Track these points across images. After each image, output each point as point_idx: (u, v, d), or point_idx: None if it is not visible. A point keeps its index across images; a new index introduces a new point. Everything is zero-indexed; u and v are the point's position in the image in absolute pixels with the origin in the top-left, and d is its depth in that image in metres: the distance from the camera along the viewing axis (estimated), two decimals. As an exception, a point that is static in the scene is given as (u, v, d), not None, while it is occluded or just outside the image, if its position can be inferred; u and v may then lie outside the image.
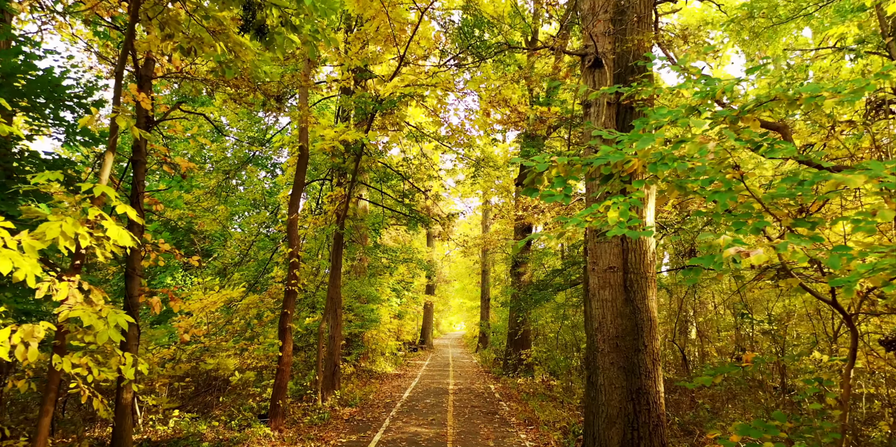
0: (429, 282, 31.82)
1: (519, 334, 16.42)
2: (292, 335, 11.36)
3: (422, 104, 10.83)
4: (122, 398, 5.96)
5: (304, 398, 10.88)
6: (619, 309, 5.96)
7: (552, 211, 9.79)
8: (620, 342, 5.90)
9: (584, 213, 4.07)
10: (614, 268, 5.97)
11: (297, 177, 9.43)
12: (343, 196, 11.11)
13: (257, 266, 12.82)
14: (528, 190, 4.36)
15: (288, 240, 9.24)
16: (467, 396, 12.89)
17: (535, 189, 4.31)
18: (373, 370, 18.05)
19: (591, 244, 6.09)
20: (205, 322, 11.15)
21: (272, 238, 11.89)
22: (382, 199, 14.18)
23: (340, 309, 11.79)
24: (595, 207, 4.04)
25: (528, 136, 12.60)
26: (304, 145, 9.37)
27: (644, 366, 5.86)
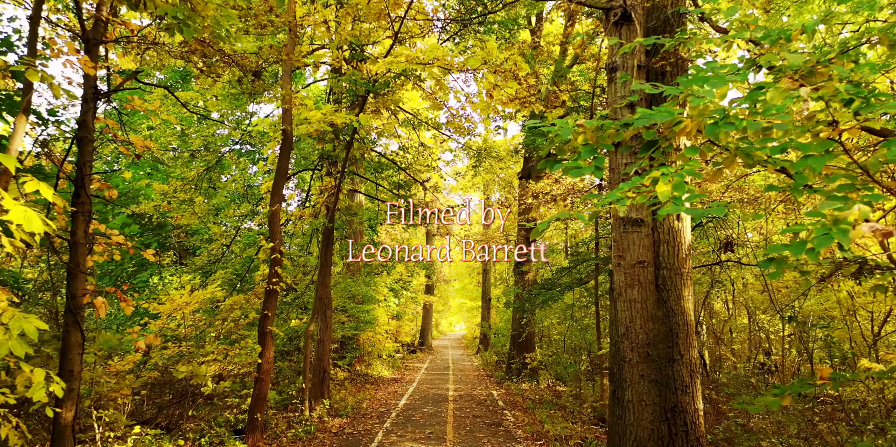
0: (428, 281, 30.90)
1: (523, 336, 15.48)
2: (274, 339, 10.43)
3: (418, 85, 9.89)
4: (60, 418, 5.03)
5: (289, 408, 9.94)
6: (650, 311, 5.02)
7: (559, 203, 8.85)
8: (652, 351, 4.96)
9: (624, 188, 3.12)
10: (644, 262, 5.04)
11: (279, 164, 8.49)
12: (333, 187, 10.18)
13: (242, 263, 11.88)
14: (548, 163, 3.43)
15: (269, 234, 8.30)
16: (468, 404, 11.95)
17: (555, 162, 3.40)
18: (368, 374, 17.11)
19: (616, 234, 5.16)
20: (185, 325, 10.23)
21: (259, 233, 10.97)
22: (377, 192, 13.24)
23: (331, 310, 10.85)
24: (637, 180, 3.10)
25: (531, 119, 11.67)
26: (288, 129, 8.43)
27: (680, 380, 4.93)
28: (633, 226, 5.04)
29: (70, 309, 5.27)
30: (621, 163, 5.10)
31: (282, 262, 8.30)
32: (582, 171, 3.36)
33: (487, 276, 29.61)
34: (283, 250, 13.10)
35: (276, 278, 8.15)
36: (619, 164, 5.10)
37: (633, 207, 5.03)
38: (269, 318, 8.05)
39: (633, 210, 5.03)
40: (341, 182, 9.94)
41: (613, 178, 5.17)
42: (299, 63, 7.80)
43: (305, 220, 10.04)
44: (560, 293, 11.14)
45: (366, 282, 17.32)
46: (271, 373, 8.12)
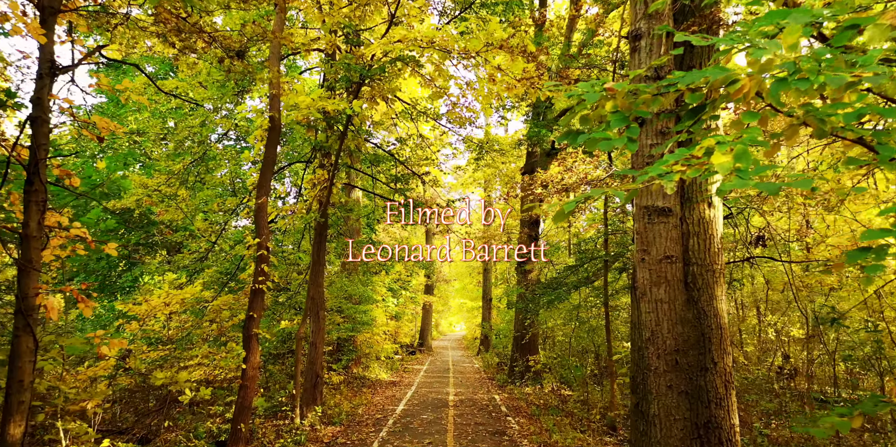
0: (428, 281, 30.30)
1: (526, 338, 14.86)
2: (260, 343, 9.82)
3: (416, 71, 9.28)
4: (7, 435, 4.42)
5: (279, 415, 9.33)
6: (679, 313, 4.41)
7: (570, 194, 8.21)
8: (681, 358, 4.35)
9: (669, 160, 2.52)
10: (672, 257, 4.42)
11: (266, 153, 7.87)
12: (325, 180, 9.57)
13: (233, 261, 11.26)
14: (569, 135, 2.84)
15: (255, 229, 7.68)
16: (470, 410, 11.33)
17: (575, 133, 2.80)
18: (366, 377, 16.50)
19: (640, 225, 4.54)
20: (169, 326, 9.62)
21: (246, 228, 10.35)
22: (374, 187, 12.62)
23: (324, 310, 10.23)
24: (684, 152, 2.50)
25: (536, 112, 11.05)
26: (276, 115, 7.81)
27: (714, 391, 4.31)
28: (659, 217, 4.42)
29: (20, 310, 4.65)
30: (645, 143, 4.48)
31: (269, 260, 7.69)
32: (612, 142, 2.76)
33: (488, 276, 29.03)
34: (273, 247, 12.48)
35: (262, 277, 7.54)
36: (644, 146, 4.49)
37: (658, 194, 4.42)
38: (254, 320, 7.44)
39: (658, 197, 4.42)
40: (334, 175, 9.32)
41: (637, 161, 4.56)
42: (286, 42, 7.18)
43: (297, 215, 9.42)
44: (566, 293, 10.53)
45: (363, 282, 16.70)
46: (257, 380, 7.51)
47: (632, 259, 4.57)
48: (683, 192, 4.56)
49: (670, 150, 4.42)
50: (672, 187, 2.61)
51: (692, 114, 2.85)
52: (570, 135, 2.91)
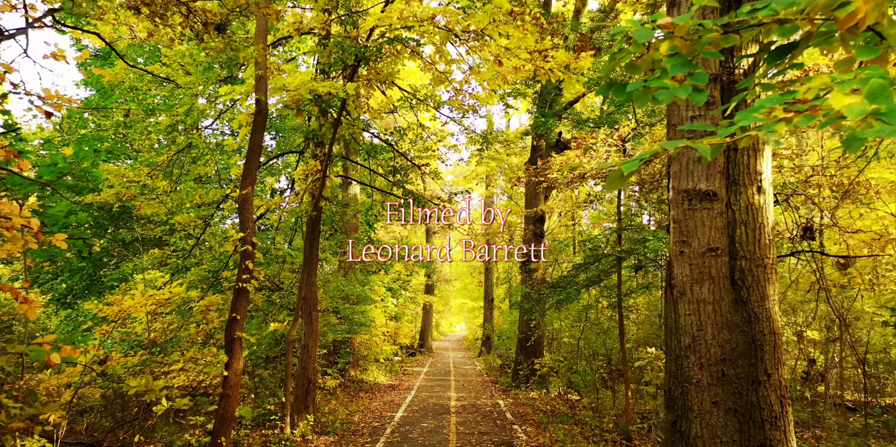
0: (428, 281, 29.63)
1: (532, 340, 14.18)
2: (243, 348, 9.16)
3: (416, 53, 8.61)
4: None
5: (267, 425, 8.65)
6: (726, 316, 3.73)
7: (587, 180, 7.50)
8: (728, 369, 3.67)
9: (765, 105, 1.87)
10: (717, 250, 3.74)
11: (252, 139, 7.20)
12: (318, 171, 8.90)
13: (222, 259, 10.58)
14: (611, 87, 2.22)
15: (240, 223, 7.01)
16: (473, 417, 10.66)
17: (621, 85, 2.17)
18: (363, 380, 15.83)
19: (678, 213, 3.86)
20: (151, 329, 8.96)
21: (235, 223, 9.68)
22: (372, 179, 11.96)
23: (317, 311, 9.56)
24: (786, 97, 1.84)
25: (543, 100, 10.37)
26: (262, 98, 7.13)
27: (768, 409, 3.63)
28: (702, 202, 3.74)
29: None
30: (685, 116, 3.80)
31: (254, 256, 7.01)
32: (673, 92, 2.12)
33: (490, 276, 28.37)
34: (265, 244, 11.80)
35: (246, 274, 6.87)
36: (683, 118, 3.81)
37: (701, 175, 3.74)
38: (237, 322, 6.76)
39: (701, 179, 3.74)
40: (328, 165, 8.65)
41: (674, 136, 3.87)
42: (274, 19, 6.50)
43: (287, 209, 8.75)
44: (576, 292, 9.85)
45: (361, 282, 16.03)
46: (240, 388, 6.84)
47: (668, 253, 3.87)
48: (728, 173, 3.89)
49: (713, 121, 3.75)
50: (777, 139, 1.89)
51: (780, 53, 2.18)
52: (614, 86, 2.24)
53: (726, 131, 1.78)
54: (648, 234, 7.79)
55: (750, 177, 3.86)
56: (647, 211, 9.64)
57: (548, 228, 17.80)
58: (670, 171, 3.94)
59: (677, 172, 3.83)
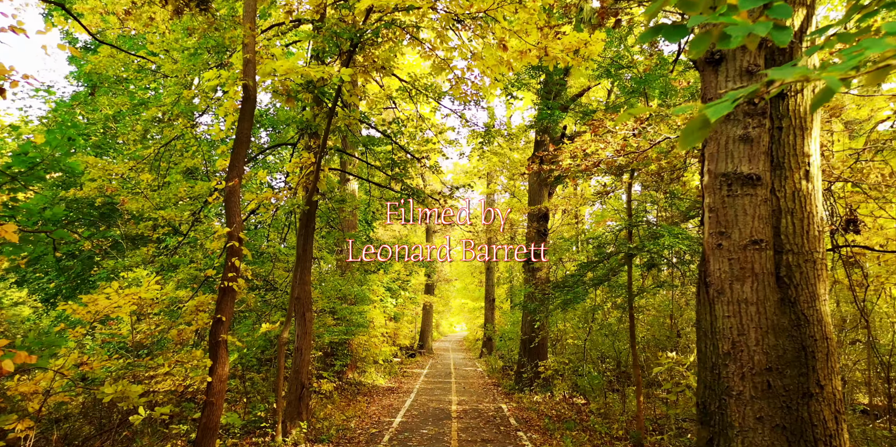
0: (428, 280, 29.13)
1: (535, 342, 13.69)
2: (232, 350, 8.68)
3: (415, 39, 8.13)
4: None
5: (258, 433, 8.16)
6: (771, 318, 3.24)
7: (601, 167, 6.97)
8: (775, 380, 3.18)
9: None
10: (761, 243, 3.25)
11: (239, 128, 6.71)
12: (312, 164, 8.41)
13: (211, 257, 10.10)
14: (659, 30, 1.69)
15: (226, 217, 6.52)
16: (475, 422, 10.17)
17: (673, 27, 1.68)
18: (362, 383, 15.34)
19: (714, 199, 3.37)
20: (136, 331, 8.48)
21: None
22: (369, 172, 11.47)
23: (310, 312, 9.07)
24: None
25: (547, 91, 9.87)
26: (250, 83, 6.65)
27: (821, 426, 3.15)
28: (744, 187, 3.25)
29: None
30: (724, 87, 3.31)
31: (241, 252, 6.52)
32: (747, 28, 1.63)
33: (491, 275, 27.88)
34: (259, 242, 11.31)
35: (233, 273, 6.38)
36: (721, 89, 3.31)
37: (742, 156, 3.26)
38: (222, 324, 6.27)
39: (743, 160, 3.25)
40: (322, 157, 8.16)
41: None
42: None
43: (279, 204, 8.26)
44: (584, 292, 9.37)
45: (359, 281, 15.55)
46: (225, 393, 6.35)
47: (703, 246, 3.37)
48: (771, 155, 3.40)
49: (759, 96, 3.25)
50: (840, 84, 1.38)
51: None
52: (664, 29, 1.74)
53: (795, 75, 1.28)
54: (663, 230, 7.31)
55: (797, 159, 3.37)
56: (662, 205, 9.15)
57: (551, 226, 17.31)
58: (705, 152, 3.45)
59: (714, 153, 3.34)
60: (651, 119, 5.83)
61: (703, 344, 3.49)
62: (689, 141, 1.17)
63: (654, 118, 5.77)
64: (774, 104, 3.42)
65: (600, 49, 7.06)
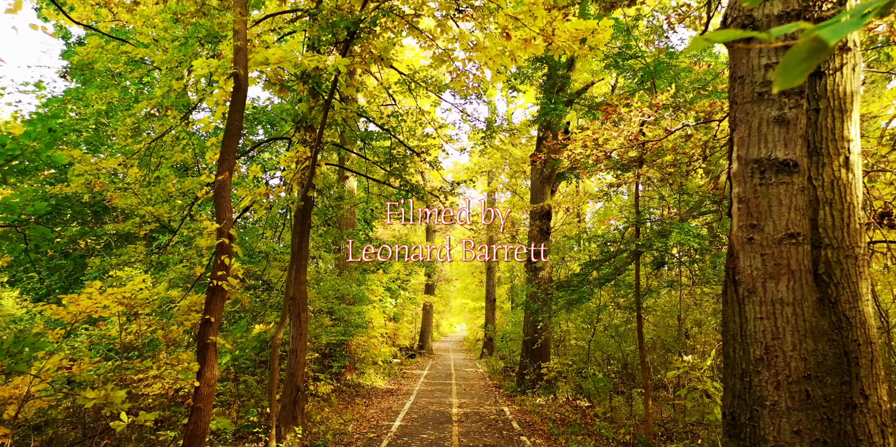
0: (428, 280, 28.80)
1: (538, 343, 13.38)
2: (223, 352, 8.37)
3: (414, 28, 7.80)
4: None
5: (251, 438, 7.84)
6: (810, 320, 2.92)
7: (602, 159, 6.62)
8: (814, 389, 2.86)
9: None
10: (798, 236, 2.93)
11: (230, 119, 6.39)
12: (307, 158, 8.09)
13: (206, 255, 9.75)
14: None
15: (215, 213, 6.20)
16: (477, 427, 9.84)
17: None
18: (360, 384, 15.02)
19: (745, 189, 3.05)
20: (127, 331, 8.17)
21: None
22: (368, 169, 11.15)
23: (306, 312, 8.75)
24: None
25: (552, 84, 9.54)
26: (241, 73, 6.32)
27: (867, 440, 2.83)
28: (779, 174, 2.93)
29: None
30: (757, 65, 2.98)
31: (231, 250, 6.20)
32: None
33: (491, 275, 27.55)
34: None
35: (222, 271, 6.05)
36: (756, 68, 2.98)
37: (777, 140, 2.93)
38: (211, 325, 5.95)
39: (778, 145, 2.93)
40: (318, 151, 7.83)
41: (742, 93, 3.05)
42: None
43: (273, 199, 7.94)
44: (590, 292, 9.05)
45: (358, 281, 15.23)
46: (214, 399, 6.02)
47: (731, 240, 3.05)
48: (808, 141, 3.08)
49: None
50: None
51: None
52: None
53: None
54: (673, 226, 6.98)
55: (836, 144, 3.05)
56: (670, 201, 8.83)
57: (553, 225, 16.99)
58: (733, 137, 3.13)
59: (745, 137, 3.02)
60: (667, 107, 5.51)
61: (731, 348, 3.16)
62: (790, 76, 0.84)
63: (672, 105, 5.45)
64: (811, 83, 3.10)
65: (608, 37, 6.74)
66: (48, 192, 8.19)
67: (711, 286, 8.72)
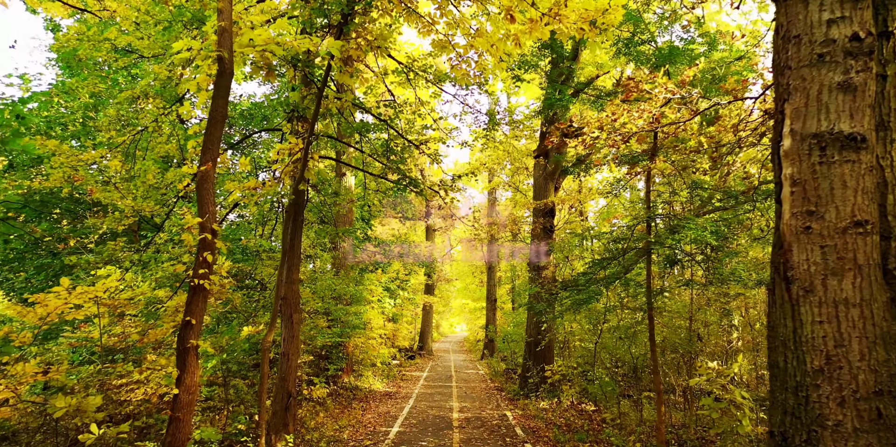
0: (428, 280, 28.34)
1: (542, 345, 12.92)
2: (201, 358, 7.90)
3: (413, 12, 7.35)
4: None
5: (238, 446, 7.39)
6: (880, 324, 2.46)
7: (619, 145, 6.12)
8: (887, 406, 2.40)
9: None
10: (865, 225, 2.47)
11: (214, 105, 5.94)
12: (300, 149, 7.63)
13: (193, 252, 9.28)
14: None
15: (197, 206, 5.74)
16: (479, 433, 9.38)
17: None
18: (358, 387, 14.55)
19: (800, 169, 2.58)
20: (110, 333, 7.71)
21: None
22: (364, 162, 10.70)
23: (298, 313, 8.29)
24: None
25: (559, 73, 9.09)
26: (225, 55, 5.87)
27: (951, 468, 2.35)
28: (843, 151, 2.47)
29: None
30: (817, 20, 2.52)
31: (215, 246, 5.74)
32: None
33: (492, 275, 27.07)
34: (249, 237, 10.52)
35: (204, 269, 5.59)
36: (815, 24, 2.52)
37: (843, 110, 2.47)
38: (192, 327, 5.49)
39: (843, 116, 2.47)
40: (310, 142, 7.37)
41: (800, 53, 2.59)
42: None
43: (264, 192, 7.48)
44: (598, 291, 8.58)
45: (356, 280, 14.76)
46: (194, 408, 5.57)
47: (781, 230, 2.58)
48: (878, 115, 2.62)
49: (863, 27, 2.46)
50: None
51: None
52: None
53: None
54: (689, 221, 6.52)
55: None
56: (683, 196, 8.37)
57: (557, 223, 16.53)
58: (784, 109, 2.66)
59: (801, 108, 2.55)
60: (694, 84, 5.06)
61: (782, 357, 2.70)
62: None
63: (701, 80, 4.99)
64: (878, 46, 2.64)
65: (620, 17, 6.28)
66: (24, 186, 7.73)
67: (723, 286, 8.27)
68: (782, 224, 2.71)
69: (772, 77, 2.78)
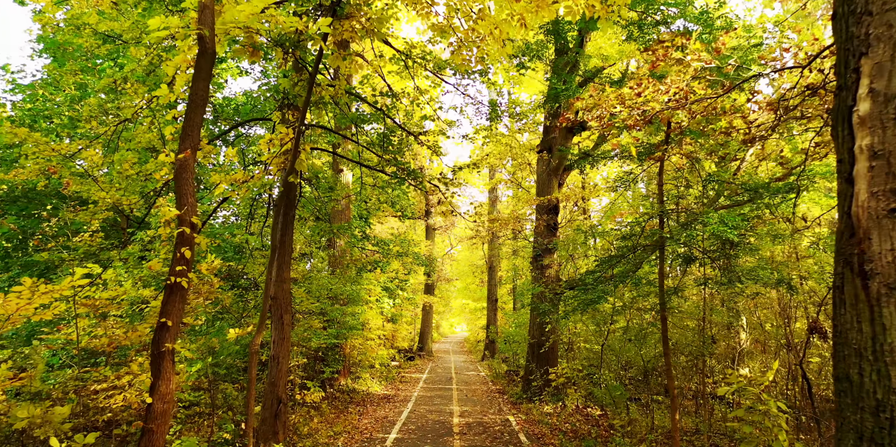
0: (428, 280, 27.86)
1: (546, 346, 12.44)
2: (178, 363, 7.43)
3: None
4: None
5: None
6: None
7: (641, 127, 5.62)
8: None
9: None
10: (967, 205, 1.97)
11: (194, 88, 5.46)
12: (290, 139, 7.15)
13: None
14: None
15: (175, 198, 5.26)
16: (480, 439, 8.90)
17: None
18: (355, 390, 14.08)
19: (880, 138, 2.09)
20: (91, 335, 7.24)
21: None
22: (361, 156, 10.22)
23: (290, 314, 7.82)
24: None
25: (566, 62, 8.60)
26: (206, 34, 5.39)
27: None
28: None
29: None
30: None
31: (194, 241, 5.26)
32: None
33: (493, 275, 26.60)
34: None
35: (182, 266, 5.11)
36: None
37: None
38: (168, 330, 5.00)
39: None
40: (301, 132, 6.89)
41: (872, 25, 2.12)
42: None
43: (252, 184, 7.00)
44: (608, 290, 8.11)
45: (353, 280, 14.28)
46: (170, 418, 5.10)
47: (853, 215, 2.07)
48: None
49: None
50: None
51: None
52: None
53: None
54: (708, 216, 6.05)
55: None
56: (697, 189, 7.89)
57: (561, 220, 16.05)
58: (861, 65, 2.18)
59: (885, 63, 2.08)
60: (729, 55, 4.56)
61: (856, 369, 2.22)
62: None
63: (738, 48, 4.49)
64: None
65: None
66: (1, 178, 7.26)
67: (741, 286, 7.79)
68: (855, 207, 2.23)
69: (832, 31, 2.28)
